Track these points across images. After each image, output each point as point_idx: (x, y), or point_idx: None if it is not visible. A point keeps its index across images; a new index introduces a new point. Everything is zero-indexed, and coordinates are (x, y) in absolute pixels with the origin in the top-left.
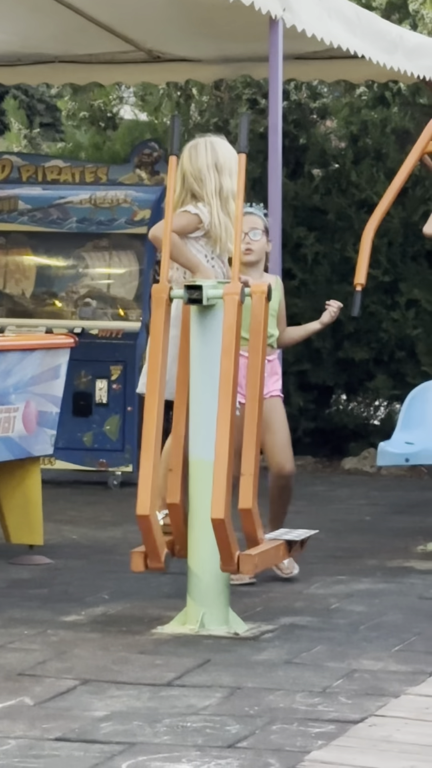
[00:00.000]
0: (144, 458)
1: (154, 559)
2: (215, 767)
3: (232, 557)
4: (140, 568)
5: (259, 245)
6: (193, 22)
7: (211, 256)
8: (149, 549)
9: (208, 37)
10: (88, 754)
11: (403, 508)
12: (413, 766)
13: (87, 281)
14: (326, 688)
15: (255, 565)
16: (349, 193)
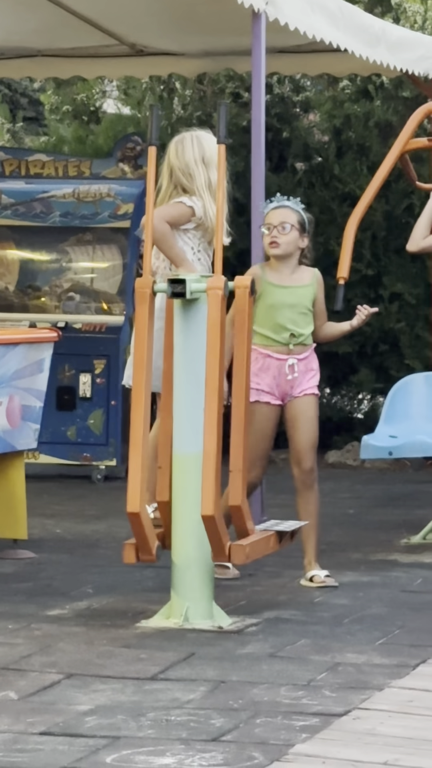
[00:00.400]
0: (132, 455)
1: (146, 552)
2: (199, 761)
3: (223, 549)
4: (132, 560)
5: (287, 239)
6: (176, 15)
7: (198, 248)
8: (140, 543)
9: (191, 30)
10: (73, 748)
11: (386, 501)
12: (397, 759)
13: (70, 275)
14: (310, 681)
15: (246, 555)
16: (332, 187)
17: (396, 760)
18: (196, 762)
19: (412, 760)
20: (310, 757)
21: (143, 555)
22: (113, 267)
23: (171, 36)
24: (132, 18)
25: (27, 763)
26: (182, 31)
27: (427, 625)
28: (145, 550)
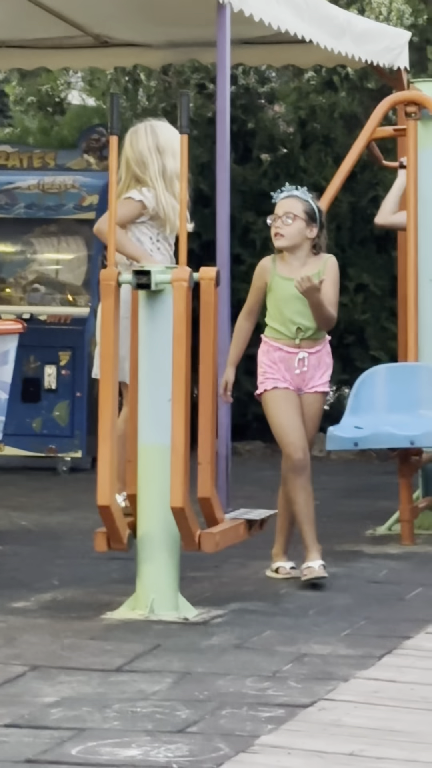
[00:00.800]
0: (101, 448)
1: (117, 541)
2: (165, 752)
3: (193, 538)
4: (103, 548)
5: (291, 230)
6: (141, 6)
7: (156, 238)
8: (111, 533)
9: (156, 21)
10: (38, 740)
11: (352, 492)
12: (362, 749)
13: (35, 267)
14: (276, 672)
15: (216, 543)
16: (297, 178)
17: (361, 751)
18: (162, 753)
19: (377, 750)
20: (276, 748)
21: (114, 544)
22: (78, 258)
23: (136, 27)
24: (97, 9)
25: None
26: (147, 22)
27: (393, 616)
28: (116, 540)
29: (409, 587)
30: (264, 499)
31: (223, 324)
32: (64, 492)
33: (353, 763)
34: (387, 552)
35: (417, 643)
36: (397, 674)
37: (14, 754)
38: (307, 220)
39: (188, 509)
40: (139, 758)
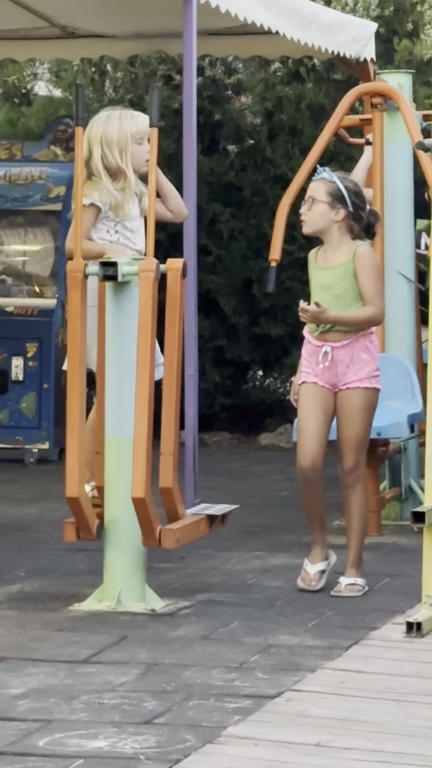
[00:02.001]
0: (69, 440)
1: (86, 531)
2: (132, 743)
3: (153, 533)
4: (72, 538)
5: (312, 215)
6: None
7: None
8: (80, 524)
9: (122, 12)
10: (5, 732)
11: None
12: (329, 740)
13: (2, 258)
14: (243, 663)
15: (177, 539)
16: (264, 169)
17: (328, 741)
18: (129, 745)
19: (344, 741)
20: (243, 739)
21: (84, 535)
22: (45, 250)
23: (102, 18)
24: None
25: None
26: (113, 13)
27: (360, 606)
28: (86, 530)
29: (375, 578)
30: (231, 490)
31: (189, 315)
32: (31, 483)
33: (320, 753)
34: None
35: (384, 633)
36: (364, 665)
37: None
38: (330, 203)
39: (149, 501)
40: (107, 749)
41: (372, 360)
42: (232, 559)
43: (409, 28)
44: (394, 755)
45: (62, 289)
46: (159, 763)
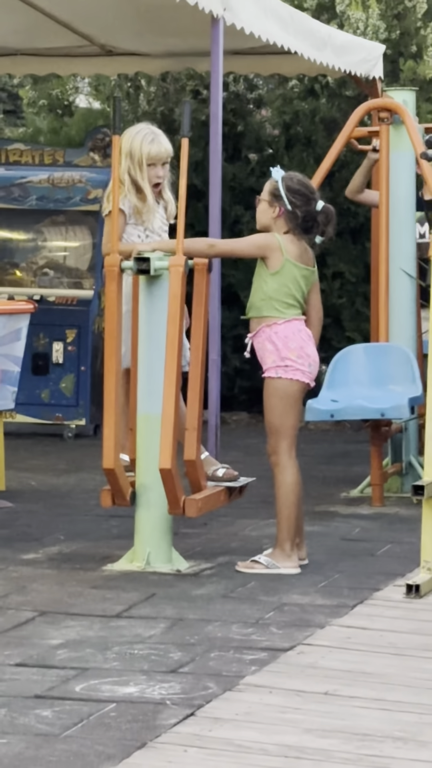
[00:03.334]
0: (106, 417)
1: (120, 498)
2: (159, 690)
3: (178, 502)
4: (108, 504)
5: (257, 212)
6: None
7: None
8: (116, 492)
9: (155, 33)
10: (46, 678)
11: (328, 458)
12: (336, 689)
13: (45, 253)
14: (259, 619)
15: (199, 508)
16: None
17: (335, 690)
18: (157, 691)
19: (349, 690)
20: (259, 687)
21: (119, 501)
22: (84, 246)
23: (138, 38)
24: (102, 21)
25: (4, 691)
26: (148, 34)
27: (365, 569)
28: (120, 497)
29: (379, 544)
30: (249, 464)
31: (213, 306)
32: (69, 456)
33: (328, 701)
34: (359, 512)
35: (386, 594)
36: (368, 622)
37: (24, 690)
38: (270, 201)
39: (175, 472)
40: (136, 695)
41: (276, 351)
42: (249, 526)
43: (414, 50)
44: (395, 704)
45: (99, 282)
46: (183, 708)
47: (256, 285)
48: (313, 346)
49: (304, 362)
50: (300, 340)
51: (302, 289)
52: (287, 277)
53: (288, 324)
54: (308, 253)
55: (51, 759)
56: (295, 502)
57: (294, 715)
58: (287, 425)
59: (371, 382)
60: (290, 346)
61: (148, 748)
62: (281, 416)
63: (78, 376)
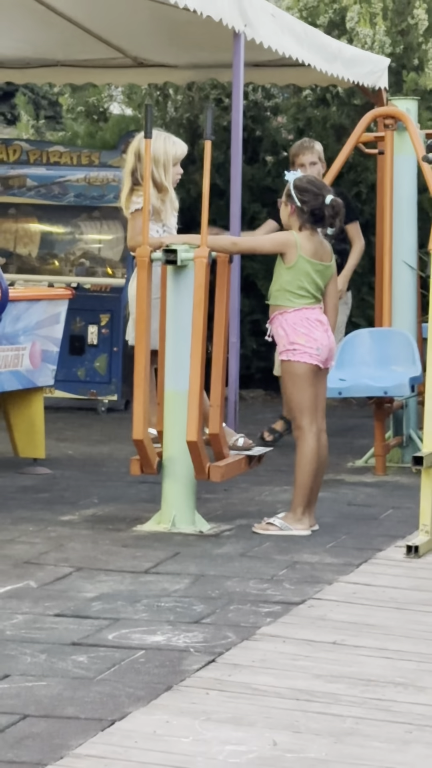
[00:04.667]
0: (136, 393)
1: (148, 467)
2: (184, 639)
3: (203, 469)
4: (137, 473)
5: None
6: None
7: (161, 230)
8: (144, 461)
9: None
10: (81, 627)
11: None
12: (343, 639)
13: (82, 245)
14: (273, 576)
15: (222, 474)
16: None
17: (342, 640)
18: (181, 640)
19: (355, 640)
20: (274, 637)
21: (146, 469)
22: (117, 239)
23: (166, 51)
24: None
25: (44, 638)
26: (175, 47)
27: (369, 531)
28: (148, 466)
29: (381, 509)
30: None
31: (233, 294)
32: (103, 428)
33: (336, 650)
34: (364, 480)
35: (388, 554)
36: (372, 579)
37: (62, 638)
38: (285, 201)
39: (200, 443)
40: (163, 643)
41: (285, 335)
42: (265, 492)
43: (416, 63)
44: (396, 652)
45: (130, 271)
46: (205, 655)
47: (274, 276)
48: (323, 332)
49: (312, 346)
50: (307, 327)
51: (315, 282)
52: (300, 271)
53: (297, 312)
54: (324, 249)
55: (86, 700)
56: (311, 472)
57: (305, 662)
58: (303, 402)
59: (375, 363)
60: (299, 332)
61: (173, 690)
62: (296, 394)
63: (111, 356)
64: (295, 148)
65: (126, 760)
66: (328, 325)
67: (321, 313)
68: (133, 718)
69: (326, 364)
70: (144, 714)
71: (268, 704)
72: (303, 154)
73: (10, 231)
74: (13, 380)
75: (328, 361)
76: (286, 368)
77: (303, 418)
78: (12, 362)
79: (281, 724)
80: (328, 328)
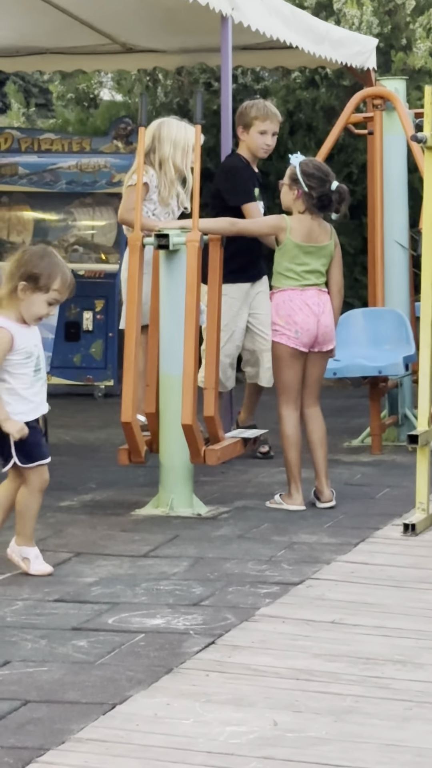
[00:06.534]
0: (126, 376)
1: (136, 455)
2: (183, 621)
3: (199, 452)
4: (125, 462)
5: (281, 195)
6: (158, 19)
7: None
8: (132, 448)
9: (171, 31)
10: (82, 612)
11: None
12: (341, 618)
13: (75, 232)
14: (272, 557)
15: (218, 457)
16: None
17: (341, 619)
18: (181, 622)
19: (353, 619)
20: (273, 617)
21: (134, 458)
22: (109, 225)
23: (155, 36)
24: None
25: (45, 624)
26: (164, 32)
27: (366, 511)
28: (136, 453)
29: (378, 488)
30: (261, 418)
31: None
32: (99, 413)
33: (334, 629)
34: (360, 460)
35: (385, 533)
36: (370, 558)
37: (63, 623)
38: (290, 184)
39: (196, 427)
40: (163, 626)
41: (273, 312)
42: (262, 474)
43: (404, 43)
44: (395, 630)
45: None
46: (205, 637)
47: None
48: (308, 315)
49: (290, 329)
50: (288, 309)
51: (306, 263)
52: (288, 253)
53: (281, 293)
54: (320, 230)
55: (87, 684)
56: (287, 449)
57: (304, 642)
58: (281, 383)
59: (369, 343)
60: (280, 313)
61: (174, 673)
62: (276, 374)
63: (106, 342)
64: (259, 110)
65: (128, 743)
66: (320, 309)
67: (314, 295)
68: (133, 701)
69: (313, 347)
70: (145, 697)
71: (268, 684)
72: (270, 121)
73: (3, 219)
74: None
75: (316, 345)
76: (271, 347)
77: (279, 397)
78: None
79: (281, 704)
80: (318, 312)
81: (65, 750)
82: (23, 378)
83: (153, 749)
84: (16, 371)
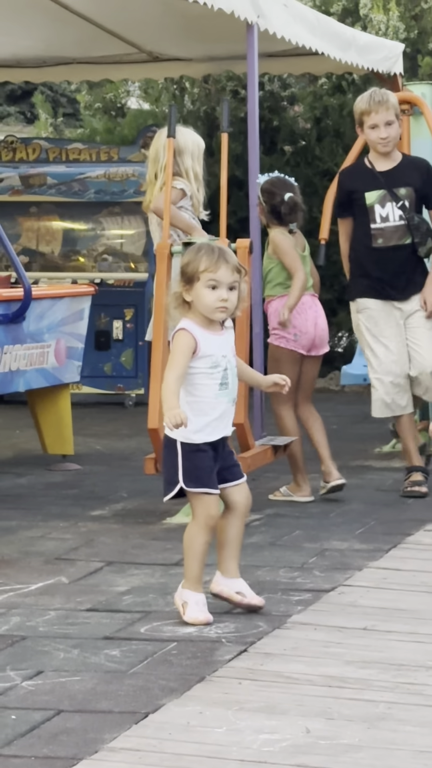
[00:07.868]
0: (152, 384)
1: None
2: (215, 629)
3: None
4: (152, 471)
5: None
6: (184, 28)
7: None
8: (159, 456)
9: (197, 40)
10: (114, 621)
11: (362, 418)
12: (374, 624)
13: (104, 241)
14: (303, 564)
15: (248, 465)
16: (313, 165)
17: (373, 626)
18: (213, 630)
19: (385, 625)
20: (305, 624)
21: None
22: (138, 234)
23: (181, 44)
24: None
25: (77, 633)
26: (190, 41)
27: (397, 517)
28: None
29: None
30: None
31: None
32: (130, 422)
33: (367, 635)
34: (391, 466)
35: (417, 538)
36: (401, 564)
37: (95, 632)
38: (259, 203)
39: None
40: (195, 635)
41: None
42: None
43: (430, 48)
44: (427, 636)
45: (152, 265)
46: (237, 645)
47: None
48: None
49: (290, 332)
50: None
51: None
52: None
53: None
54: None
55: (120, 693)
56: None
57: (336, 648)
58: None
59: None
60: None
61: (206, 681)
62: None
63: (136, 351)
64: (363, 103)
65: (160, 752)
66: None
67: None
68: (166, 710)
69: (310, 351)
70: (177, 706)
71: (301, 692)
72: (376, 112)
73: (32, 229)
74: (40, 378)
75: (313, 349)
76: (270, 351)
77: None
78: (37, 360)
79: (314, 712)
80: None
81: (98, 759)
82: (204, 389)
83: (186, 758)
84: (198, 381)
